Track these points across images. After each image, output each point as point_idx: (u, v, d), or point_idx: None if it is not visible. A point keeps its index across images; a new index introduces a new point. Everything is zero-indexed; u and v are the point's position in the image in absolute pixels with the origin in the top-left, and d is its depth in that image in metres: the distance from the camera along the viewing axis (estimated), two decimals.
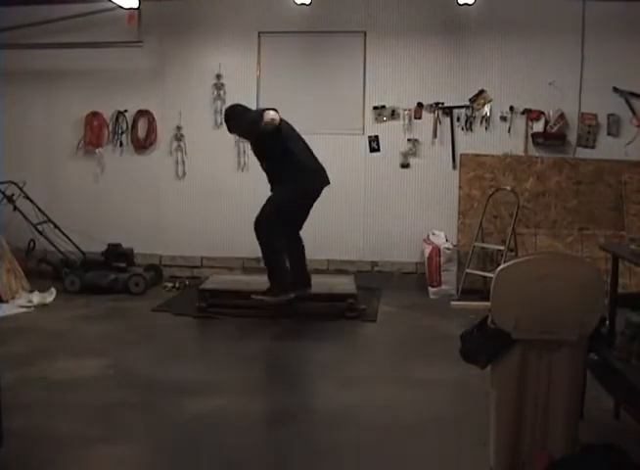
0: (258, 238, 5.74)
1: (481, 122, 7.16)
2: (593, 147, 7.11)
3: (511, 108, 7.09)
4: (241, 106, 6.02)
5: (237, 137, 6.83)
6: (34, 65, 7.42)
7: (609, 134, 7.07)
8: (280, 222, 5.73)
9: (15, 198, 6.84)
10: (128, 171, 7.54)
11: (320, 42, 7.26)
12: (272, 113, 5.50)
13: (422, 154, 7.25)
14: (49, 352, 4.86)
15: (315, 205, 6.07)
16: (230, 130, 6.07)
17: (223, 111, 7.15)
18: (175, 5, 7.30)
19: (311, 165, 5.82)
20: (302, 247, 6.04)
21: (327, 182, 5.89)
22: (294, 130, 5.85)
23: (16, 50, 7.30)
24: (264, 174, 6.16)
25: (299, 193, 5.76)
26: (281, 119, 5.60)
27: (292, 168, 5.68)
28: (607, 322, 3.45)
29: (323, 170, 5.87)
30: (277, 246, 5.76)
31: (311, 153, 5.87)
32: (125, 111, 7.48)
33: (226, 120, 6.00)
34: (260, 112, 5.66)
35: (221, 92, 7.36)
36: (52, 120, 7.54)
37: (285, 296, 5.78)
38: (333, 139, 7.11)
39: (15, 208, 6.80)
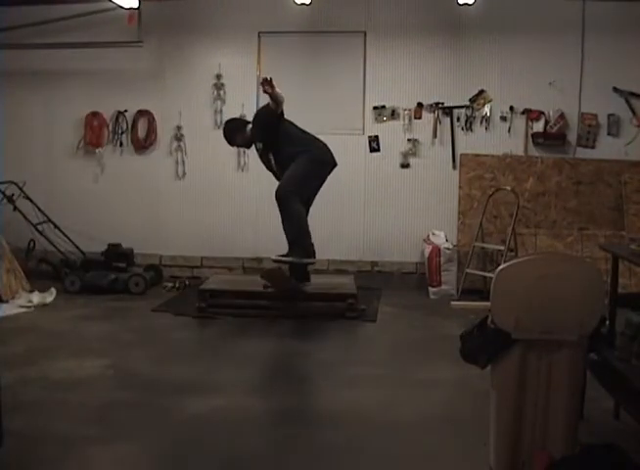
0: (280, 204, 5.76)
1: (481, 122, 7.16)
2: (593, 147, 7.11)
3: (511, 108, 7.10)
4: (232, 122, 6.27)
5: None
6: (34, 65, 7.42)
7: (609, 134, 7.07)
8: (299, 191, 5.80)
9: (15, 198, 6.84)
10: (128, 171, 7.53)
11: (320, 42, 7.26)
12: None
13: (422, 154, 7.25)
14: (49, 352, 4.86)
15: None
16: (231, 143, 6.26)
17: (223, 111, 7.25)
18: (175, 5, 7.30)
19: (319, 142, 6.02)
20: None
21: (335, 161, 6.03)
22: (292, 124, 6.03)
23: (16, 50, 7.30)
24: (263, 174, 6.17)
25: (316, 161, 5.89)
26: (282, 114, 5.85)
27: (302, 145, 5.87)
28: (607, 322, 3.46)
29: (329, 149, 6.03)
30: (299, 209, 5.82)
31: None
32: (125, 111, 7.48)
33: (225, 137, 6.19)
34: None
35: (221, 92, 7.36)
36: (52, 120, 7.54)
37: (308, 259, 5.85)
38: (333, 139, 7.05)
39: (15, 208, 6.80)
